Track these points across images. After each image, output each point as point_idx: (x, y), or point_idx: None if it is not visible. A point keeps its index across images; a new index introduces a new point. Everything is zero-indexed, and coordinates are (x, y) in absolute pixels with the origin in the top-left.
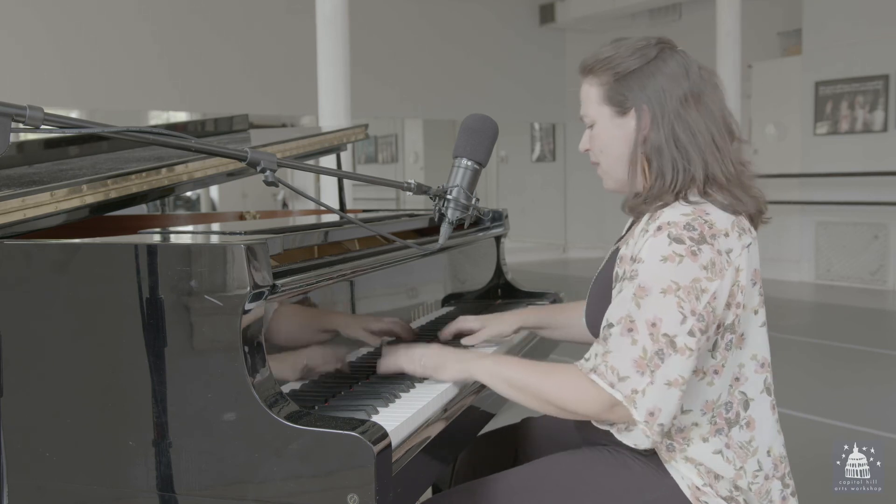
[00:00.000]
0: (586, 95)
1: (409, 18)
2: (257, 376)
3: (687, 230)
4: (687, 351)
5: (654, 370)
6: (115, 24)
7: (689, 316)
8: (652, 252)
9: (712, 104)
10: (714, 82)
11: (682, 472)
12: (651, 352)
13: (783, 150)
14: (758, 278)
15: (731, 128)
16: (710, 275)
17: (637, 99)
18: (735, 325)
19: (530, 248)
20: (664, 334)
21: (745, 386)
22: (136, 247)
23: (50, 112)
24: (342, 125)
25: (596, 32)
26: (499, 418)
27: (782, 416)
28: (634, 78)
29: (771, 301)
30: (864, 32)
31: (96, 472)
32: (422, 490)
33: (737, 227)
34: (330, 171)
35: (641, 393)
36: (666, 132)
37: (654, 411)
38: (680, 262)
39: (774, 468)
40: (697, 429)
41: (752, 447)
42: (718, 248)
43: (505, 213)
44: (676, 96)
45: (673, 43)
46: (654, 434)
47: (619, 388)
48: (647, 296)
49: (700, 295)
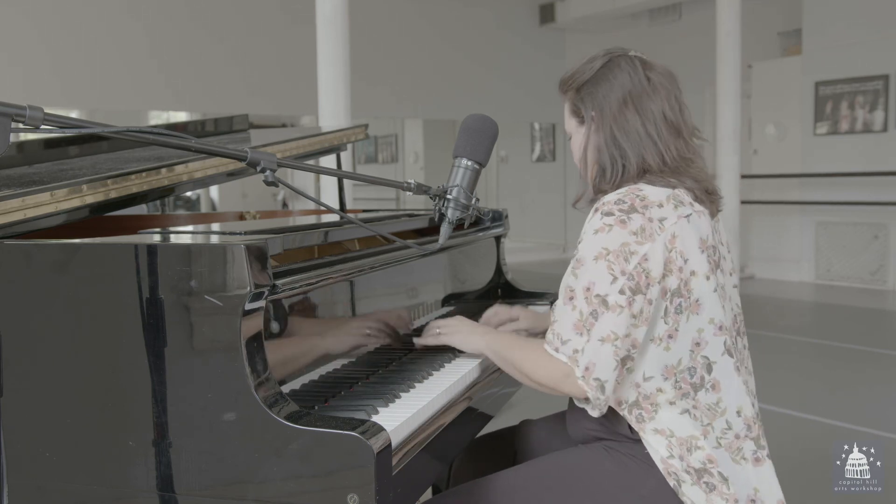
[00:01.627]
0: (565, 111)
1: (409, 19)
2: (257, 376)
3: (617, 205)
4: (618, 308)
5: (590, 329)
6: (110, 23)
7: (620, 276)
8: (588, 230)
9: (653, 104)
10: (660, 82)
11: (653, 445)
12: (586, 313)
13: (783, 151)
14: (704, 247)
15: (676, 125)
16: (640, 239)
17: (588, 107)
18: (682, 290)
19: (530, 248)
20: (596, 295)
21: (707, 350)
22: (136, 247)
23: (50, 112)
24: (342, 125)
25: (596, 32)
26: (497, 420)
27: (783, 416)
28: (586, 89)
29: (771, 301)
30: (864, 32)
31: (96, 472)
32: (422, 490)
33: (672, 199)
34: (330, 171)
35: (581, 351)
36: (606, 133)
37: (588, 366)
38: (609, 230)
39: (748, 429)
40: (662, 394)
41: (721, 408)
42: (650, 217)
43: (505, 213)
44: (616, 99)
45: (624, 50)
46: (591, 388)
47: (563, 350)
48: (582, 266)
49: (629, 257)
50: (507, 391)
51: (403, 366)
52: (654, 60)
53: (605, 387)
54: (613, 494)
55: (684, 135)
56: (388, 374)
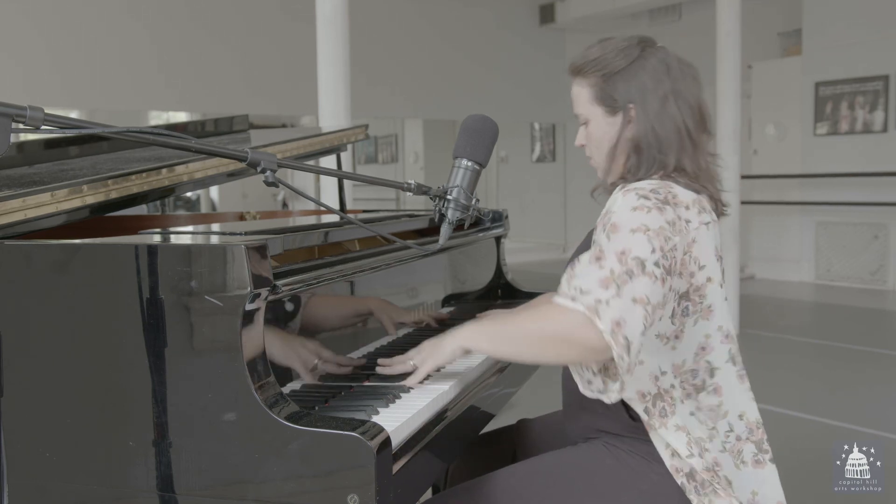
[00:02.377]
0: (578, 95)
1: (409, 19)
2: (257, 376)
3: (654, 193)
4: (653, 276)
5: (622, 285)
6: (110, 23)
7: (658, 250)
8: (623, 205)
9: (690, 98)
10: (692, 75)
11: (673, 441)
12: (619, 271)
13: (783, 151)
14: (718, 255)
15: (704, 120)
16: (673, 230)
17: (623, 98)
18: (691, 294)
19: (530, 248)
20: (635, 257)
21: (711, 355)
22: (136, 247)
23: (50, 112)
24: (342, 125)
25: (596, 32)
26: (497, 420)
27: (783, 416)
28: (620, 78)
29: (771, 301)
30: (864, 33)
31: (96, 472)
32: (422, 490)
33: (697, 204)
34: (330, 171)
35: (605, 303)
36: (647, 128)
37: (619, 321)
38: (649, 211)
39: (749, 432)
40: (674, 391)
41: (722, 411)
42: (678, 215)
43: (505, 213)
44: (658, 94)
45: (653, 41)
46: (618, 345)
47: (581, 300)
48: (617, 231)
49: (667, 239)
50: (507, 391)
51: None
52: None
53: (630, 348)
54: (613, 490)
55: (708, 129)
56: (388, 374)
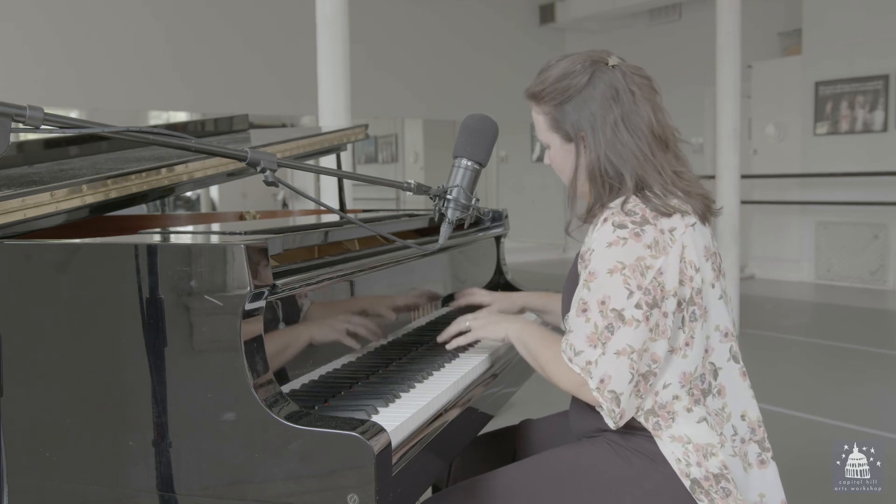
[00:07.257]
0: (536, 121)
1: (409, 18)
2: (257, 376)
3: (629, 216)
4: (634, 322)
5: (606, 342)
6: (110, 23)
7: (636, 290)
8: (600, 241)
9: (641, 120)
10: (647, 86)
11: (669, 452)
12: (602, 327)
13: (783, 150)
14: (709, 255)
15: (663, 137)
16: (655, 252)
17: (575, 127)
18: (694, 298)
19: (530, 248)
20: (612, 309)
21: (714, 356)
22: (136, 247)
23: (50, 112)
24: (342, 125)
25: (596, 32)
26: (497, 420)
27: (783, 415)
28: (571, 107)
29: (771, 301)
30: (864, 32)
31: (96, 472)
32: (422, 490)
33: (678, 209)
34: (330, 171)
35: (594, 363)
36: (601, 155)
37: (604, 378)
38: (624, 244)
39: (752, 432)
40: (679, 402)
41: (726, 413)
42: (661, 228)
43: (505, 213)
44: (609, 121)
45: (604, 58)
46: (606, 400)
47: (577, 361)
48: (595, 279)
49: (645, 271)
50: (507, 391)
51: (403, 366)
52: (630, 64)
53: (620, 399)
54: (616, 488)
55: (671, 145)
56: (388, 373)
